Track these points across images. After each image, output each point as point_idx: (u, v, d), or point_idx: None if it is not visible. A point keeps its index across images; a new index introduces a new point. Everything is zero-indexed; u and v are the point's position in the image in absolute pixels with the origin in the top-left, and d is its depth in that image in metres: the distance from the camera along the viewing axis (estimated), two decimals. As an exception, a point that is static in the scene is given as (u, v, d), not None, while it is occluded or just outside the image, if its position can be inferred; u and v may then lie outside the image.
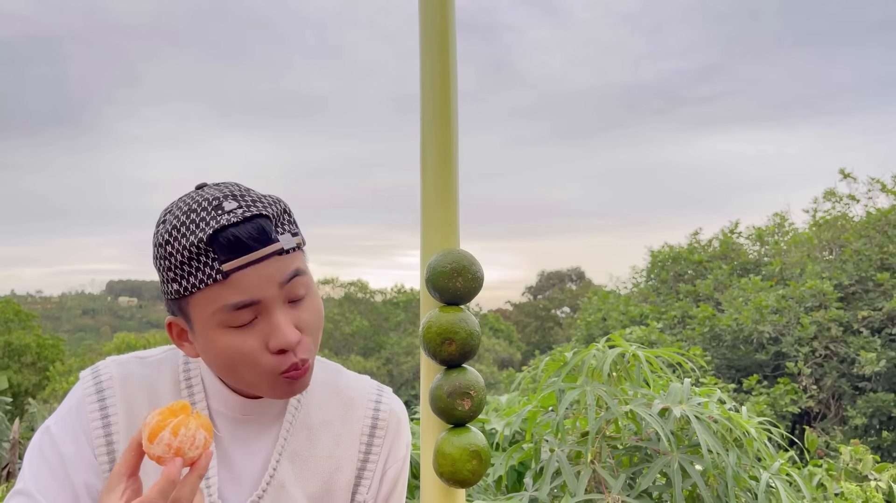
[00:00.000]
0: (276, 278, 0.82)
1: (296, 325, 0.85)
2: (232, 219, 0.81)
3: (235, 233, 0.80)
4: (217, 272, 0.80)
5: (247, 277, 0.81)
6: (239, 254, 0.80)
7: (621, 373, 2.21)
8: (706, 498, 1.91)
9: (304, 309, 0.86)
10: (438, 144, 0.85)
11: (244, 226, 0.81)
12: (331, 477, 0.95)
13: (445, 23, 0.85)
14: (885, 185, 12.17)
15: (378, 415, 0.99)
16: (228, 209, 0.82)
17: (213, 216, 0.81)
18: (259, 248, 0.81)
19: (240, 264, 0.80)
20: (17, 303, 24.69)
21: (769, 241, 13.75)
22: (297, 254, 0.86)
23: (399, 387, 22.14)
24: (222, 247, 0.80)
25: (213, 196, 0.83)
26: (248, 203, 0.83)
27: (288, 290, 0.84)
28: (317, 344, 0.89)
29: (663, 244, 14.55)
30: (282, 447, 0.93)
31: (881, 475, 3.39)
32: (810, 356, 10.34)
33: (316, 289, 0.90)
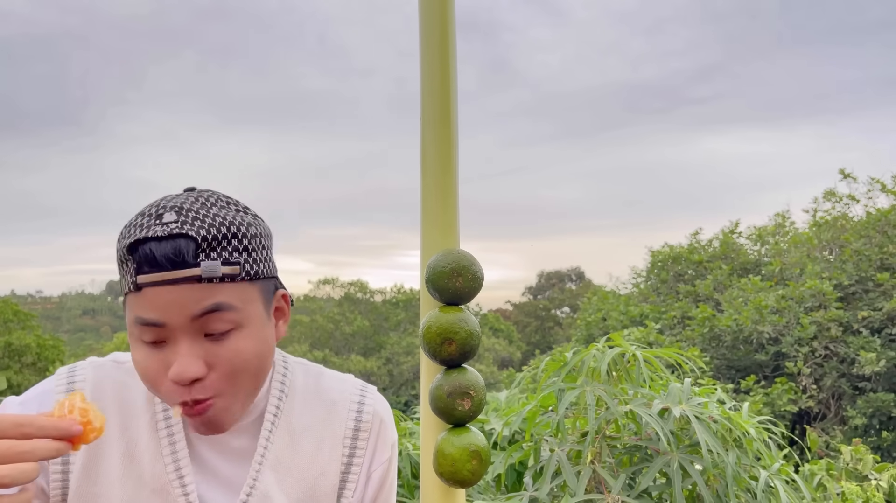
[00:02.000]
0: (188, 307, 0.77)
1: (207, 361, 0.79)
2: (158, 232, 0.77)
3: (152, 248, 0.77)
4: (133, 282, 0.78)
5: (157, 296, 0.77)
6: (151, 270, 0.77)
7: (621, 374, 2.21)
8: (706, 497, 1.91)
9: (223, 345, 0.80)
10: (438, 144, 0.85)
11: (164, 243, 0.77)
12: (315, 482, 0.94)
13: (445, 23, 0.85)
14: (885, 185, 12.17)
15: (361, 416, 0.97)
16: (165, 221, 0.78)
17: (147, 225, 0.78)
18: (171, 269, 0.77)
19: (149, 281, 0.77)
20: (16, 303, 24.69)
21: (769, 241, 13.76)
22: (231, 285, 0.80)
23: (399, 387, 22.13)
24: (140, 258, 0.77)
25: (164, 204, 0.81)
26: (186, 220, 0.79)
27: (202, 323, 0.78)
28: (234, 385, 0.82)
29: (663, 244, 14.57)
30: (262, 455, 0.91)
31: (881, 475, 3.39)
32: (810, 356, 10.34)
33: (258, 326, 0.83)
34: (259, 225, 0.86)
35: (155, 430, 0.89)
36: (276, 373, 0.96)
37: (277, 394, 0.94)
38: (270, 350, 0.87)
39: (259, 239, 0.85)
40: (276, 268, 0.90)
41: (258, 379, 0.85)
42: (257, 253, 0.84)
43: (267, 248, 0.87)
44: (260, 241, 0.85)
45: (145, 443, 0.88)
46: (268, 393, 0.94)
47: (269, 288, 0.87)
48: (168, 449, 0.88)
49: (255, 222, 0.86)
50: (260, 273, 0.84)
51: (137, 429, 0.89)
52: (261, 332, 0.84)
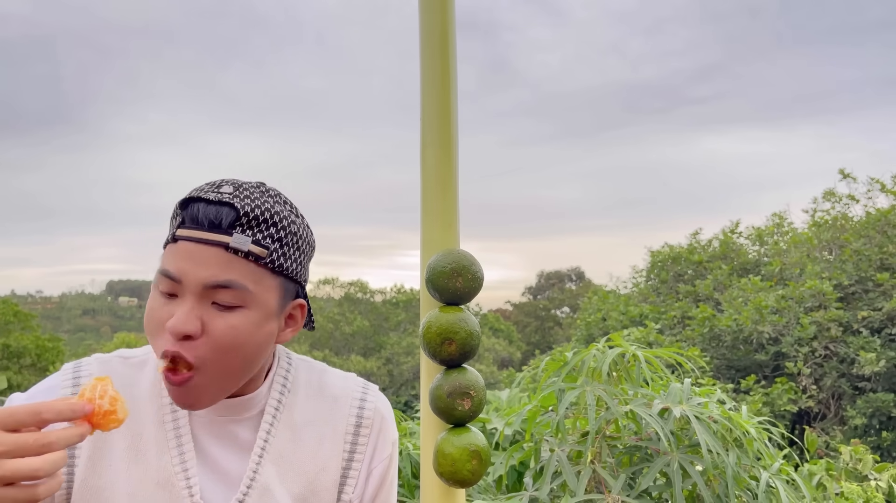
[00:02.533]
0: (205, 272, 0.80)
1: (204, 324, 0.81)
2: (210, 196, 0.82)
3: (199, 207, 0.82)
4: (173, 234, 0.83)
5: (185, 251, 0.81)
6: (190, 226, 0.82)
7: (621, 374, 2.21)
8: (706, 497, 1.91)
9: (226, 318, 0.82)
10: (438, 144, 0.85)
11: (210, 206, 0.82)
12: (316, 477, 0.94)
13: (445, 23, 0.85)
14: (884, 185, 12.17)
15: (363, 413, 0.98)
16: (221, 190, 0.83)
17: (205, 189, 0.84)
18: (207, 230, 0.81)
19: (185, 235, 0.82)
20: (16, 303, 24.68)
21: (769, 242, 13.76)
22: (253, 267, 0.82)
23: (399, 387, 22.12)
24: (186, 214, 0.83)
25: (230, 180, 0.86)
26: (238, 195, 0.83)
27: (212, 293, 0.81)
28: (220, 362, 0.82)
29: (663, 244, 14.57)
30: (262, 448, 0.92)
31: (881, 475, 3.39)
32: (810, 356, 10.34)
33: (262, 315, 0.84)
34: (305, 230, 0.89)
35: (161, 423, 0.89)
36: (280, 368, 0.96)
37: (279, 389, 0.95)
38: (267, 343, 0.87)
39: (298, 240, 0.87)
40: (306, 277, 0.92)
41: (245, 365, 0.85)
42: (291, 250, 0.86)
43: (303, 252, 0.89)
44: (298, 242, 0.87)
45: (151, 436, 0.89)
46: (270, 387, 0.94)
47: (290, 289, 0.88)
48: (174, 442, 0.89)
49: (303, 226, 0.89)
50: (285, 269, 0.86)
51: (143, 423, 0.89)
52: (265, 322, 0.85)
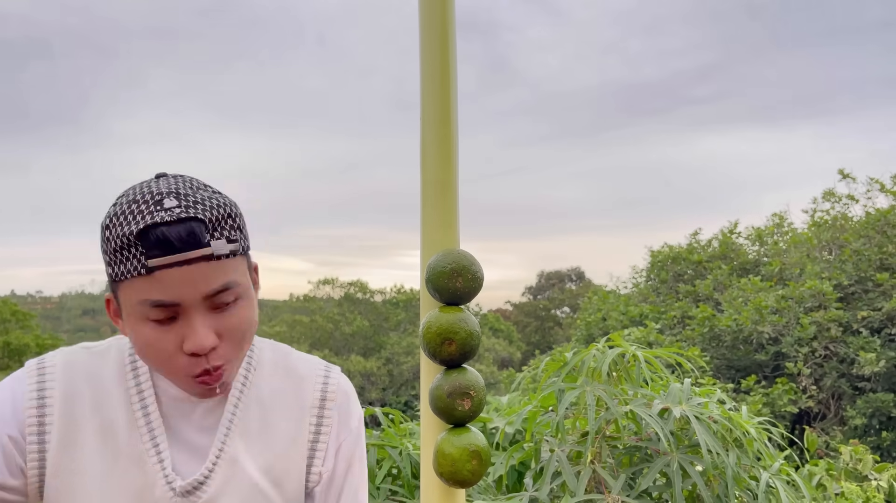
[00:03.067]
0: (202, 286, 0.83)
1: (216, 331, 0.86)
2: (166, 217, 0.82)
3: (165, 232, 0.81)
4: (142, 266, 0.82)
5: (170, 277, 0.82)
6: (165, 253, 0.81)
7: (621, 374, 2.21)
8: (706, 498, 1.91)
9: (230, 315, 0.86)
10: (438, 144, 0.85)
11: (176, 226, 0.82)
12: (285, 450, 0.97)
13: (445, 23, 0.85)
14: (884, 186, 12.18)
15: (327, 388, 1.02)
16: (167, 206, 0.82)
17: (151, 211, 0.82)
18: (186, 250, 0.82)
19: (164, 263, 0.81)
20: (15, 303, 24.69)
21: (768, 242, 13.76)
22: (232, 261, 0.86)
23: (399, 387, 22.12)
24: (151, 243, 0.81)
25: (157, 191, 0.84)
26: (189, 204, 0.83)
27: (214, 301, 0.85)
28: (239, 350, 0.89)
29: (663, 244, 14.58)
30: (229, 421, 0.95)
31: (881, 475, 3.39)
32: (810, 356, 10.35)
33: (252, 296, 0.90)
34: (236, 203, 0.92)
35: (129, 405, 0.92)
36: None
37: (246, 366, 0.99)
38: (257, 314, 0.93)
39: (242, 216, 0.91)
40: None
41: (251, 340, 0.92)
42: (245, 229, 0.91)
43: (244, 220, 0.93)
44: (240, 215, 0.91)
45: (120, 417, 0.92)
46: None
47: (250, 259, 0.94)
48: (143, 421, 0.92)
49: (233, 201, 0.92)
50: (248, 247, 0.92)
51: (111, 406, 0.92)
52: (254, 300, 0.92)
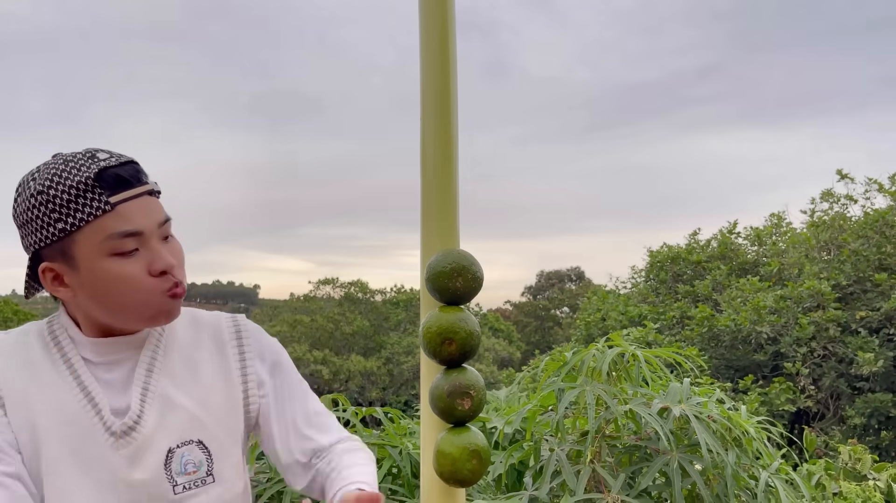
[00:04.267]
0: (155, 215, 0.97)
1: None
2: (112, 161, 0.95)
3: (118, 171, 0.94)
4: (106, 203, 0.92)
5: (131, 210, 0.94)
6: (123, 188, 0.94)
7: (620, 373, 2.21)
8: (706, 497, 1.92)
9: (173, 243, 1.00)
10: (438, 144, 0.85)
11: (123, 167, 0.95)
12: (215, 382, 1.04)
13: (445, 22, 0.85)
14: (882, 186, 12.18)
15: (238, 324, 1.10)
16: (102, 157, 0.95)
17: (93, 161, 0.94)
18: (138, 185, 0.96)
19: (125, 197, 0.94)
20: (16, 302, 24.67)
21: (767, 242, 13.76)
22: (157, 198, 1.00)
23: (399, 387, 22.10)
24: (108, 183, 0.93)
25: (82, 151, 0.96)
26: (117, 154, 0.97)
27: (163, 230, 0.98)
28: (184, 276, 1.00)
29: (662, 244, 14.57)
30: (149, 363, 1.00)
31: (880, 475, 3.40)
32: (808, 356, 10.35)
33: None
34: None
35: (57, 370, 0.98)
36: None
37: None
38: None
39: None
40: None
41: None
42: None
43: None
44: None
45: (57, 386, 0.97)
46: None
47: None
48: (73, 381, 0.97)
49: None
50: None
51: (48, 379, 0.97)
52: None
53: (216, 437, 1.03)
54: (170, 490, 0.98)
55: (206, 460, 1.01)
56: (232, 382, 1.06)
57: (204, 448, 1.01)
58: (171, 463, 0.99)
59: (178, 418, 1.00)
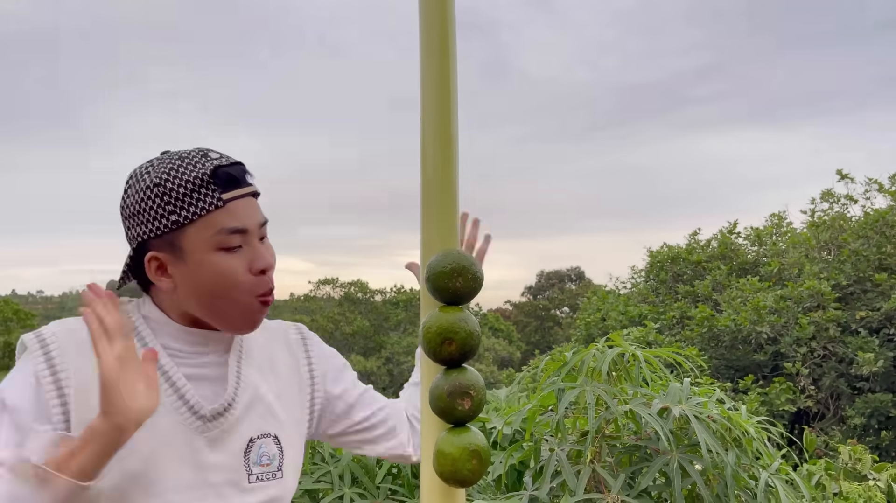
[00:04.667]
0: (258, 216, 1.01)
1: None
2: (224, 161, 0.99)
3: (230, 171, 0.98)
4: (219, 199, 0.96)
5: (239, 207, 0.98)
6: (234, 187, 0.98)
7: (620, 373, 2.21)
8: (706, 497, 1.92)
9: (269, 248, 1.03)
10: (438, 144, 0.85)
11: (234, 167, 0.99)
12: (290, 380, 1.10)
13: (445, 23, 0.85)
14: (882, 186, 12.19)
15: (302, 332, 1.16)
16: (214, 157, 0.99)
17: (207, 159, 0.98)
18: (246, 185, 1.00)
19: (235, 195, 0.98)
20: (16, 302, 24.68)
21: (767, 242, 13.77)
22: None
23: (399, 387, 21.95)
24: (221, 180, 0.97)
25: (196, 150, 1.00)
26: (226, 155, 1.01)
27: (262, 230, 1.01)
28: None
29: (662, 245, 14.58)
30: (238, 357, 1.04)
31: (880, 475, 3.40)
32: (808, 356, 10.35)
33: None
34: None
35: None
36: None
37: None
38: None
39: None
40: None
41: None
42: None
43: None
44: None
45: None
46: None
47: None
48: (165, 384, 0.98)
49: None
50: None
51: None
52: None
53: (289, 435, 1.07)
54: (245, 478, 1.01)
55: (278, 455, 1.05)
56: (302, 385, 1.11)
57: (278, 443, 1.05)
58: (250, 452, 1.02)
59: (261, 410, 1.04)
